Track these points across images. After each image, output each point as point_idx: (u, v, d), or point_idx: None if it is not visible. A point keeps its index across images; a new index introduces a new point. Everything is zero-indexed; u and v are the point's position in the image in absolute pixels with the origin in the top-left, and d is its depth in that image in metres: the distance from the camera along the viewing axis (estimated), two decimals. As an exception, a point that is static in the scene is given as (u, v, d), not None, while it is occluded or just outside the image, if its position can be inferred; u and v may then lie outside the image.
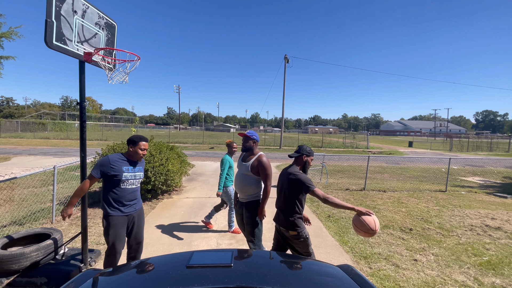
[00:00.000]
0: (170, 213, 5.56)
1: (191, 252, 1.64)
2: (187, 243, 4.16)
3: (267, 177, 3.00)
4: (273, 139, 32.71)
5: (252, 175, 3.07)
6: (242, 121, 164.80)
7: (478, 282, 3.30)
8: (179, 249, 3.95)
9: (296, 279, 1.40)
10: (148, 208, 5.79)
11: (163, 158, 6.27)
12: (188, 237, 4.37)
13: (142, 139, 2.79)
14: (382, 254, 3.98)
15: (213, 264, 1.45)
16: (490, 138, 48.44)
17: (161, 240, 4.22)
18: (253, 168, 3.04)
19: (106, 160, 2.64)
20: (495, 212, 6.39)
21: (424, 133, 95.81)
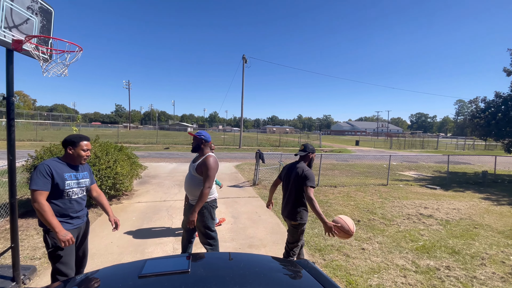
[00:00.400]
0: (120, 219, 5.10)
1: (144, 260, 1.52)
2: (140, 251, 3.88)
3: (207, 178, 2.87)
4: (233, 138, 32.60)
5: (198, 176, 2.97)
6: (200, 120, 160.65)
7: (415, 265, 3.74)
8: (130, 258, 3.66)
9: (256, 278, 1.40)
10: (94, 215, 5.26)
11: (110, 160, 5.75)
12: (141, 244, 4.08)
13: (83, 138, 2.43)
14: (334, 245, 4.25)
15: (169, 271, 1.36)
16: (422, 137, 55.70)
17: (109, 250, 3.87)
18: (198, 168, 2.96)
19: (47, 167, 2.22)
20: (427, 202, 7.34)
21: (368, 133, 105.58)
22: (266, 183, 8.88)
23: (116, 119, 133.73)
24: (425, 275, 3.45)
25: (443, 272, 3.53)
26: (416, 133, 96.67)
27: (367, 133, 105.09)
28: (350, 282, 3.24)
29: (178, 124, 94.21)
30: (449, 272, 3.55)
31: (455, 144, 40.34)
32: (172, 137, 36.04)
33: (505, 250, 4.35)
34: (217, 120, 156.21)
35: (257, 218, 5.48)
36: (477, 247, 4.41)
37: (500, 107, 12.73)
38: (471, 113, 14.44)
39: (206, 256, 1.71)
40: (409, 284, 3.22)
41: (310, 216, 5.65)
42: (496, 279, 3.43)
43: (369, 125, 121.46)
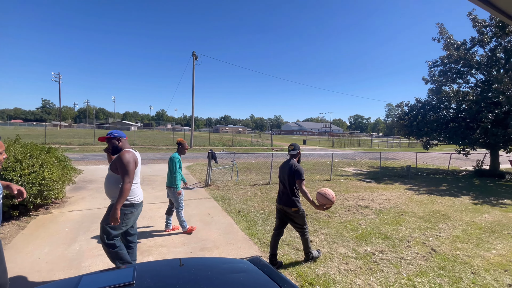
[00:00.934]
0: (49, 231, 4.46)
1: (79, 276, 1.34)
2: (75, 265, 3.43)
3: (125, 173, 2.72)
4: (183, 138, 31.34)
5: (114, 174, 2.83)
6: (145, 118, 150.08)
7: (355, 252, 4.13)
8: (63, 275, 3.20)
9: (208, 282, 1.35)
10: (15, 228, 4.46)
11: (35, 164, 4.96)
12: (76, 258, 3.61)
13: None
14: (285, 240, 4.42)
15: (109, 286, 1.22)
16: (359, 136, 62.19)
17: (36, 267, 3.32)
18: (113, 165, 2.81)
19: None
20: (364, 194, 8.19)
21: (314, 133, 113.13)
22: (219, 184, 8.77)
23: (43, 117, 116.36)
24: (363, 260, 3.84)
25: (377, 256, 3.98)
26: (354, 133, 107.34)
27: (313, 133, 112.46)
28: (300, 273, 3.40)
29: (119, 123, 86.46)
30: (383, 255, 4.02)
31: (385, 142, 46.05)
32: (114, 137, 32.93)
33: (425, 232, 5.12)
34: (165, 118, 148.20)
35: (210, 219, 5.37)
36: (404, 232, 5.09)
37: (419, 110, 14.95)
38: (397, 116, 16.65)
39: (152, 265, 1.59)
40: (351, 270, 3.54)
41: (262, 214, 5.77)
42: (419, 258, 4.01)
43: (314, 126, 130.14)
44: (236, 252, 3.97)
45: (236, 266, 1.67)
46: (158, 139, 31.41)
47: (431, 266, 3.75)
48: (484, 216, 6.44)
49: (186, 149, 4.88)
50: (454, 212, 6.63)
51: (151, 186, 7.91)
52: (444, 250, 4.31)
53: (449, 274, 3.56)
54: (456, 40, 14.12)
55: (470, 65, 13.42)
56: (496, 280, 3.46)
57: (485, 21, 12.92)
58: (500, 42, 12.61)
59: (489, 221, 6.01)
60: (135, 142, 24.75)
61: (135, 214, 3.00)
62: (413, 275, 3.48)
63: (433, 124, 13.71)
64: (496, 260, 4.05)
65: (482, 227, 5.59)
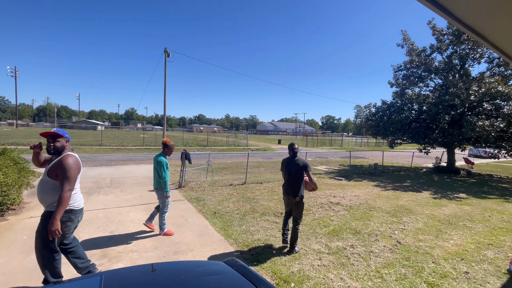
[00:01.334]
0: (5, 240, 4.04)
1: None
2: (35, 276, 3.14)
3: (66, 180, 2.50)
4: (154, 138, 30.18)
5: (51, 180, 2.58)
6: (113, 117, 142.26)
7: (328, 247, 4.27)
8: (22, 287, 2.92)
9: (181, 287, 1.31)
10: (-41, 240, 3.98)
11: (-14, 167, 4.47)
12: (37, 268, 3.29)
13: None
14: (261, 239, 4.44)
15: (72, 298, 1.13)
16: (330, 136, 64.60)
17: (-16, 283, 2.99)
18: (53, 170, 2.55)
19: None
20: (335, 191, 8.50)
21: (289, 133, 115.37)
22: (193, 185, 8.57)
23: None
24: (336, 255, 3.98)
25: (348, 251, 4.15)
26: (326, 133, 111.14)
27: (288, 133, 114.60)
28: (275, 272, 3.44)
29: (84, 122, 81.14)
30: (353, 250, 4.20)
31: (355, 142, 48.26)
32: (77, 137, 30.86)
33: (391, 226, 5.44)
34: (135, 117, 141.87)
35: (183, 222, 5.22)
36: (372, 226, 5.37)
37: (385, 111, 15.90)
38: (365, 116, 17.54)
39: (122, 272, 1.50)
40: (324, 265, 3.66)
41: (238, 214, 5.75)
42: (386, 251, 4.25)
43: (289, 126, 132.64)
44: (212, 254, 3.91)
45: (211, 268, 1.64)
46: (127, 139, 29.94)
47: (397, 258, 4.00)
48: (443, 209, 7.01)
49: (173, 150, 4.69)
50: (417, 206, 7.13)
51: (120, 189, 7.51)
52: (408, 242, 4.61)
53: (413, 265, 3.82)
54: (417, 47, 15.23)
55: (429, 70, 14.55)
56: (454, 268, 3.78)
57: (443, 30, 14.09)
58: (456, 50, 13.84)
59: (447, 214, 6.55)
60: (102, 142, 23.34)
61: (75, 222, 2.77)
62: (381, 267, 3.68)
63: (398, 124, 14.66)
64: (453, 250, 4.42)
65: (441, 219, 6.08)
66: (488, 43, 2.16)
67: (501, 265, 3.93)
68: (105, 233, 4.50)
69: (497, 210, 7.16)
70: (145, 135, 31.90)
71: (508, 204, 7.94)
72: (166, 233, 4.49)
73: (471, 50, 13.42)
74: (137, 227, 4.83)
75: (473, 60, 13.84)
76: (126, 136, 36.58)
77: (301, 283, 3.21)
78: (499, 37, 2.08)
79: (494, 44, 2.21)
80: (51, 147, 2.62)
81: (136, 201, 6.49)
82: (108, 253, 3.80)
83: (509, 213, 6.91)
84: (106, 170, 10.52)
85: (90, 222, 4.90)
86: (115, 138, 32.10)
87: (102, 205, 6.05)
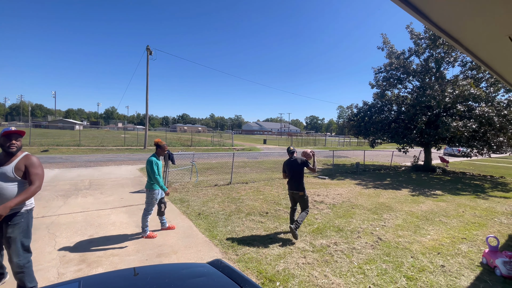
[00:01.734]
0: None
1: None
2: (8, 284, 2.96)
3: (39, 178, 2.65)
4: (136, 138, 29.33)
5: (18, 178, 2.57)
6: (92, 116, 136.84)
7: (312, 245, 4.33)
8: (-13, 298, 2.73)
9: (165, 290, 1.27)
10: None
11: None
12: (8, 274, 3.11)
13: None
14: (246, 240, 4.43)
15: (47, 306, 1.07)
16: (314, 136, 65.74)
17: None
18: (19, 169, 2.57)
19: None
20: (319, 190, 8.65)
21: (274, 132, 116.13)
22: (177, 186, 8.42)
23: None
24: (320, 253, 4.05)
25: (332, 248, 4.23)
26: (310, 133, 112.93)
27: (273, 133, 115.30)
28: (261, 271, 3.44)
29: (61, 121, 77.58)
30: (337, 247, 4.29)
31: (337, 141, 49.40)
32: (53, 137, 29.42)
33: (372, 223, 5.61)
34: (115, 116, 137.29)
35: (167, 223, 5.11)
36: (354, 224, 5.51)
37: (366, 112, 16.38)
38: (348, 117, 17.99)
39: (102, 277, 1.44)
40: (308, 263, 3.71)
41: (223, 215, 5.70)
42: (368, 247, 4.38)
43: (274, 126, 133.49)
44: (196, 256, 3.85)
45: (195, 270, 1.61)
46: (107, 139, 28.90)
47: (378, 254, 4.13)
48: (420, 206, 7.32)
49: (166, 151, 4.61)
50: (396, 204, 7.40)
51: (100, 191, 7.23)
52: (388, 238, 4.78)
53: (393, 260, 3.96)
54: (397, 50, 15.82)
55: (408, 73, 15.16)
56: (431, 262, 3.96)
57: (420, 34, 14.72)
58: (432, 53, 14.51)
59: (424, 210, 6.85)
60: (80, 142, 22.37)
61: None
62: (363, 263, 3.79)
63: (378, 124, 15.16)
64: (430, 244, 4.63)
65: (418, 215, 6.35)
66: (462, 47, 2.27)
67: (474, 258, 4.16)
68: (84, 237, 4.32)
69: (470, 206, 7.57)
70: (126, 135, 30.92)
71: (479, 200, 8.42)
72: (149, 236, 4.38)
73: (446, 54, 14.13)
74: (118, 230, 4.67)
75: (447, 64, 14.59)
76: (106, 136, 35.30)
77: (287, 282, 3.23)
78: (473, 42, 2.20)
79: (467, 48, 2.33)
80: (15, 146, 2.58)
81: (117, 203, 6.27)
82: (87, 257, 3.64)
83: (481, 208, 7.33)
84: (85, 172, 10.10)
85: (68, 226, 4.69)
86: (94, 138, 30.90)
87: (80, 208, 5.80)
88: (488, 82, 13.53)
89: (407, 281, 3.39)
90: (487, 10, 1.65)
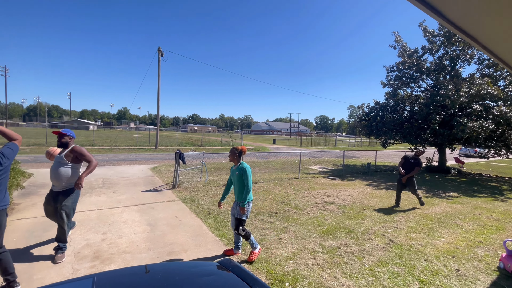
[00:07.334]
0: (-9, 243, 3.94)
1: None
2: (25, 279, 3.07)
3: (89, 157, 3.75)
4: (148, 138, 29.84)
5: (69, 163, 3.64)
6: (106, 116, 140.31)
7: (322, 246, 4.29)
8: (7, 291, 2.85)
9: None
10: None
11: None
12: (26, 271, 3.24)
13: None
14: (255, 239, 4.43)
15: (64, 301, 1.10)
16: (324, 136, 65.05)
17: (-28, 286, 2.90)
18: (68, 156, 3.65)
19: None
20: (329, 191, 8.56)
21: (283, 132, 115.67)
22: (187, 185, 8.52)
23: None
24: (330, 254, 4.00)
25: (342, 250, 4.18)
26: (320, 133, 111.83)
27: (282, 133, 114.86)
28: (270, 271, 3.44)
29: (76, 121, 79.97)
30: (347, 248, 4.23)
31: (348, 141, 48.70)
32: (70, 137, 30.24)
33: (384, 225, 5.50)
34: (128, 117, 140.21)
35: (177, 222, 5.18)
36: (365, 225, 5.42)
37: (378, 112, 16.07)
38: (359, 116, 17.70)
39: (115, 274, 1.48)
40: (318, 264, 3.68)
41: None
42: (379, 249, 4.30)
43: (283, 126, 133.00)
44: (206, 255, 3.88)
45: (205, 269, 1.63)
46: (120, 139, 29.55)
47: (390, 256, 4.05)
48: (434, 208, 7.12)
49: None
50: (409, 205, 7.23)
51: (113, 190, 7.41)
52: (400, 241, 4.68)
53: (405, 263, 3.87)
54: (409, 48, 15.45)
55: (421, 71, 14.77)
56: (445, 266, 3.85)
57: (434, 31, 14.32)
58: (447, 51, 14.09)
59: (438, 212, 6.66)
60: (94, 142, 22.97)
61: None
62: (374, 266, 3.72)
63: (390, 124, 14.84)
64: (445, 248, 4.50)
65: (432, 218, 6.18)
66: (478, 44, 2.20)
67: (491, 263, 4.02)
68: (97, 234, 4.43)
69: (487, 208, 7.31)
70: (138, 135, 31.54)
71: (497, 202, 8.12)
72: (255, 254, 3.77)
73: (462, 51, 13.68)
74: (130, 228, 4.77)
75: (463, 62, 14.12)
76: (119, 136, 36.10)
77: (296, 282, 3.22)
78: (490, 39, 2.13)
79: (484, 46, 2.25)
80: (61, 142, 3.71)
81: (129, 202, 6.41)
82: (101, 254, 3.74)
83: (499, 211, 7.06)
84: (98, 171, 10.37)
85: (82, 223, 4.82)
86: (107, 138, 31.65)
87: (94, 206, 5.96)
88: (506, 80, 13.01)
89: (420, 285, 3.31)
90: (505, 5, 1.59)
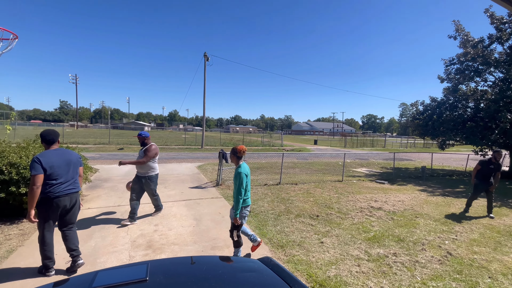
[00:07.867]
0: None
1: (95, 272, 1.39)
2: (90, 262, 3.54)
3: (145, 156, 5.05)
4: (194, 138, 31.71)
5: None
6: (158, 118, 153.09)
7: (367, 254, 4.06)
8: (79, 270, 3.32)
9: (219, 281, 1.37)
10: (35, 225, 4.65)
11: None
12: (91, 254, 3.73)
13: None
14: (296, 241, 4.40)
15: (124, 281, 1.26)
16: (372, 136, 61.00)
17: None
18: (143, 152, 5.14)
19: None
20: (377, 195, 8.03)
21: (325, 133, 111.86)
22: (229, 183, 8.82)
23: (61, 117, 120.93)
24: (376, 263, 3.77)
25: (391, 259, 3.90)
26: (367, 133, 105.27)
27: (324, 133, 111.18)
28: (311, 275, 3.38)
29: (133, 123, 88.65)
30: (396, 258, 3.93)
31: (399, 142, 44.88)
32: (127, 137, 33.70)
33: (441, 235, 4.97)
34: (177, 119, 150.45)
35: (221, 219, 5.41)
36: (418, 234, 4.96)
37: (435, 110, 14.50)
38: (412, 115, 16.19)
39: (165, 262, 1.63)
40: (363, 272, 3.49)
41: (272, 214, 5.77)
42: (435, 261, 3.90)
43: (326, 125, 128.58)
44: (246, 252, 3.98)
45: (247, 265, 1.69)
46: (170, 139, 31.94)
47: (447, 270, 3.64)
48: (503, 219, 6.18)
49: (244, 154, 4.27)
50: (471, 215, 6.40)
51: (164, 185, 8.05)
52: (460, 254, 4.17)
53: (466, 279, 3.44)
54: (473, 38, 13.61)
55: (488, 63, 12.86)
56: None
57: (503, 18, 12.39)
58: (520, 38, 12.06)
59: (507, 224, 5.76)
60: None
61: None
62: (428, 279, 3.39)
63: (450, 123, 13.25)
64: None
65: (500, 230, 5.38)
66: None
67: None
68: (150, 225, 4.88)
69: None
70: (186, 136, 33.66)
71: None
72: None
73: (542, 37, 11.57)
74: (179, 221, 5.14)
75: (544, 50, 11.91)
76: (169, 136, 39.02)
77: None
78: None
79: None
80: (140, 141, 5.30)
81: (178, 197, 6.90)
82: (153, 244, 4.11)
83: None
84: (151, 168, 11.38)
85: (138, 216, 5.35)
86: (159, 138, 34.44)
87: (148, 200, 6.56)
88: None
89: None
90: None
